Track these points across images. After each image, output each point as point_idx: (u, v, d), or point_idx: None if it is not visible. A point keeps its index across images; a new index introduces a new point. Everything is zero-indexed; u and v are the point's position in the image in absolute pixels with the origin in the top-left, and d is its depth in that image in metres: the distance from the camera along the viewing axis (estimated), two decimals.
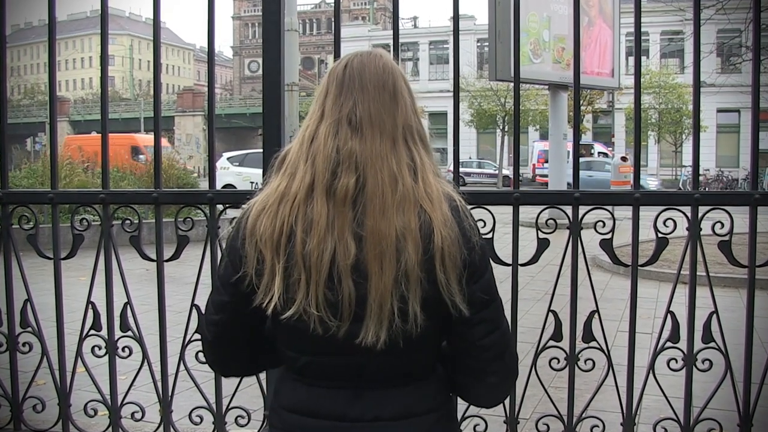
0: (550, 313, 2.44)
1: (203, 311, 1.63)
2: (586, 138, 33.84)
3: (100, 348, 2.71)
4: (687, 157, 31.55)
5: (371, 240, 1.30)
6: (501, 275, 1.59)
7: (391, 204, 1.32)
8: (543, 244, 2.42)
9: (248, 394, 2.74)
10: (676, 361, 2.38)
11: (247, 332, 1.49)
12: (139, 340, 2.68)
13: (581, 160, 2.91)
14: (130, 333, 2.68)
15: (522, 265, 2.43)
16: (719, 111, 32.92)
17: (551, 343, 2.44)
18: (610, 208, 2.46)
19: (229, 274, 1.42)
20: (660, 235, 2.38)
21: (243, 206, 1.43)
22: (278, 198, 1.36)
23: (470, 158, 38.21)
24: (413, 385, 1.42)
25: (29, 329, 2.77)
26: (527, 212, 2.61)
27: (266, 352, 1.53)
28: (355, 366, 1.39)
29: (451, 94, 2.52)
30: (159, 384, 2.69)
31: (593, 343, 2.42)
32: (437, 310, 1.36)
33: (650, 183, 27.34)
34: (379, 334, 1.32)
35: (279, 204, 1.36)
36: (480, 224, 2.34)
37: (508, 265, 2.42)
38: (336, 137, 1.36)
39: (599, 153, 29.93)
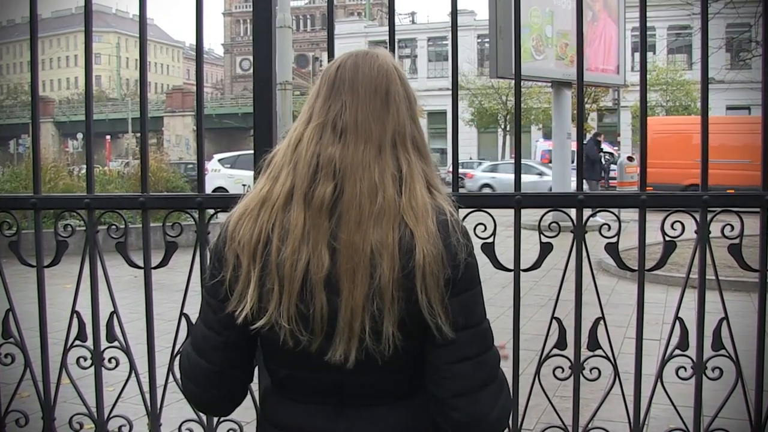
0: (554, 320, 2.44)
1: (183, 347, 1.56)
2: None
3: (85, 359, 2.69)
4: None
5: (344, 253, 1.27)
6: (503, 281, 1.60)
7: (368, 216, 1.28)
8: (546, 249, 2.42)
9: (240, 406, 2.72)
10: (685, 369, 2.38)
11: (254, 347, 1.45)
12: (126, 351, 2.67)
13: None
14: (116, 343, 2.67)
15: (524, 270, 2.42)
16: (728, 108, 32.99)
17: (555, 351, 2.43)
18: (615, 210, 2.46)
19: (216, 279, 1.40)
20: (668, 238, 2.38)
21: (230, 211, 1.42)
22: (260, 202, 1.34)
23: (471, 158, 38.29)
24: (399, 403, 1.40)
25: (11, 340, 2.76)
26: (529, 215, 2.61)
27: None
28: (333, 383, 1.37)
29: (451, 92, 2.52)
30: (147, 396, 2.68)
31: (599, 351, 2.42)
32: (417, 330, 1.32)
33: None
34: (348, 352, 1.29)
35: (260, 209, 1.34)
36: (480, 228, 2.35)
37: (510, 270, 2.41)
38: (318, 142, 1.33)
39: (605, 153, 29.95)
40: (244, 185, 18.34)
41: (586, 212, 2.40)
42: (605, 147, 30.29)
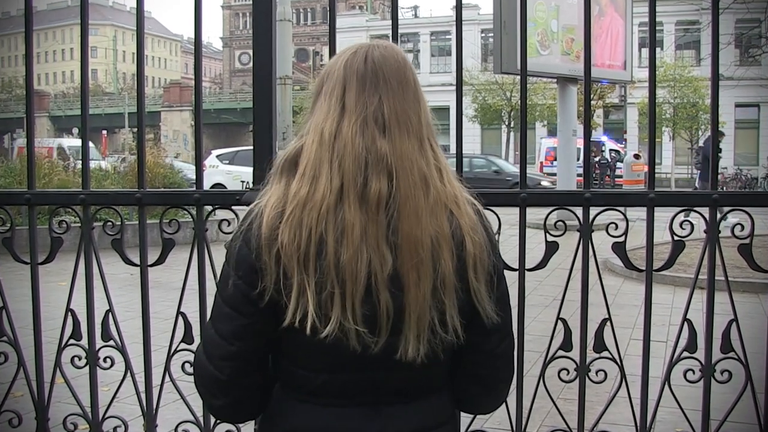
0: (559, 321, 2.43)
1: (199, 344, 1.50)
2: (597, 134, 33.89)
3: (80, 358, 2.69)
4: None
5: (407, 248, 1.28)
6: (507, 280, 1.60)
7: (424, 208, 1.30)
8: (551, 248, 2.41)
9: None
10: (693, 372, 2.37)
11: (267, 359, 1.44)
12: (122, 350, 2.66)
13: None
14: (112, 342, 2.67)
15: (529, 269, 2.42)
16: (738, 106, 33.01)
17: (560, 352, 2.43)
18: (622, 209, 2.45)
19: (244, 292, 1.34)
20: (676, 237, 2.37)
21: (251, 209, 1.37)
22: (300, 205, 1.30)
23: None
24: (428, 398, 1.43)
25: (5, 338, 2.75)
26: (535, 213, 2.60)
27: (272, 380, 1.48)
28: (373, 381, 1.37)
29: (454, 87, 2.51)
30: (143, 396, 2.67)
31: (605, 353, 2.41)
32: (468, 319, 1.38)
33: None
34: (419, 347, 1.31)
35: (302, 211, 1.29)
36: None
37: (515, 269, 2.41)
38: (363, 136, 1.31)
39: (611, 150, 29.92)
40: (242, 182, 18.30)
41: (593, 211, 2.39)
42: (611, 144, 30.31)
